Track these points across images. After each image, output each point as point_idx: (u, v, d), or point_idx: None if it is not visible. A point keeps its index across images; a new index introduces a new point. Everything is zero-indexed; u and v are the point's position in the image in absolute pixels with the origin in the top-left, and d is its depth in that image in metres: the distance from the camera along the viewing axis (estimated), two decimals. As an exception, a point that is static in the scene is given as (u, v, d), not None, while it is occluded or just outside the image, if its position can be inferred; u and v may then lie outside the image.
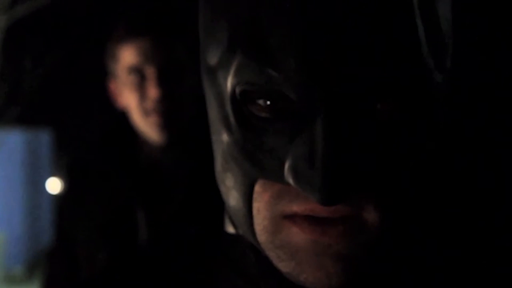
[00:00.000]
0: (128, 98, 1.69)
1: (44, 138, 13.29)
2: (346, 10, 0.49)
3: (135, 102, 1.67)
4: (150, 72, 1.64)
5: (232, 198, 0.58)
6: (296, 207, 0.53)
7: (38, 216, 12.50)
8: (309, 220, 0.52)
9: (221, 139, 0.57)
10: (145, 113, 1.66)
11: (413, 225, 0.54)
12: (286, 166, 0.52)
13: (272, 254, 0.55)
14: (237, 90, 0.54)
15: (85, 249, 1.77)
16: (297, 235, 0.53)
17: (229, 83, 0.54)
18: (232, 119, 0.55)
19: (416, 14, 0.50)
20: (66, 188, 1.88)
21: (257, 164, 0.54)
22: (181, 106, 1.68)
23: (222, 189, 0.59)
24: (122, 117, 1.77)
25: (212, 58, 0.56)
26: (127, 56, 1.67)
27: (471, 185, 0.55)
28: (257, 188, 0.55)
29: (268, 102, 0.53)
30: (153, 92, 1.63)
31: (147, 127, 1.68)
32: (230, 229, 0.64)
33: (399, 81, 0.50)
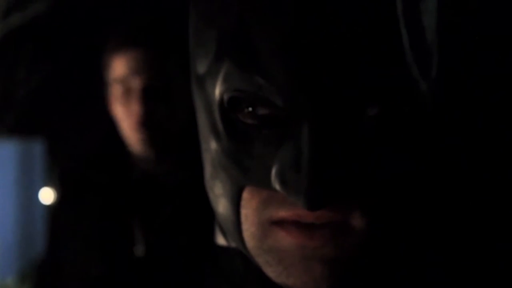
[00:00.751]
0: (117, 111, 1.69)
1: (37, 148, 13.23)
2: (332, 18, 0.50)
3: (122, 115, 1.66)
4: (136, 86, 1.63)
5: (221, 205, 0.58)
6: (283, 213, 0.54)
7: (30, 226, 12.43)
8: (296, 225, 0.53)
9: (210, 147, 0.58)
10: (132, 127, 1.65)
11: (401, 229, 0.54)
12: (273, 172, 0.53)
13: (261, 260, 0.56)
14: (225, 97, 0.55)
15: (77, 261, 1.76)
16: (285, 239, 0.54)
17: (217, 90, 0.55)
18: (220, 126, 0.56)
19: (401, 23, 0.51)
20: (59, 198, 1.87)
21: (244, 171, 0.55)
22: (168, 120, 1.66)
23: (211, 196, 0.60)
24: (116, 127, 1.76)
25: (201, 66, 0.57)
26: (116, 67, 1.66)
27: (461, 190, 0.55)
28: (245, 194, 0.56)
29: (255, 109, 0.54)
30: (136, 107, 1.62)
31: (133, 142, 1.67)
32: (220, 238, 0.65)
33: (384, 88, 0.51)
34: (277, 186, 0.52)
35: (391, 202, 0.53)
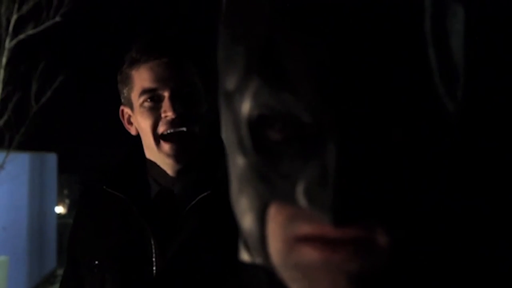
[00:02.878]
0: (141, 123, 1.67)
1: (50, 161, 13.28)
2: (362, 36, 0.50)
3: (149, 126, 1.65)
4: (165, 94, 1.63)
5: (246, 220, 0.59)
6: (308, 229, 0.53)
7: (42, 240, 12.45)
8: (321, 240, 0.53)
9: (236, 162, 0.58)
10: (159, 136, 1.65)
11: (425, 248, 0.54)
12: (299, 188, 0.52)
13: (286, 276, 0.56)
14: (254, 114, 0.55)
15: (94, 279, 1.75)
16: (310, 255, 0.53)
17: (246, 106, 0.55)
18: (247, 142, 0.56)
19: (429, 43, 0.51)
20: (76, 213, 1.87)
21: (270, 187, 0.55)
22: (194, 131, 1.66)
23: (237, 212, 0.60)
24: (133, 142, 1.76)
25: (230, 83, 0.58)
26: (141, 79, 1.66)
27: (487, 211, 0.55)
28: (271, 210, 0.56)
29: (283, 126, 0.54)
30: (169, 113, 1.62)
31: (160, 151, 1.67)
32: (245, 255, 0.65)
33: (411, 108, 0.51)
34: (303, 202, 0.52)
35: (416, 221, 0.53)
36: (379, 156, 0.51)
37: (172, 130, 1.64)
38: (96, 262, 1.73)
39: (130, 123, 1.76)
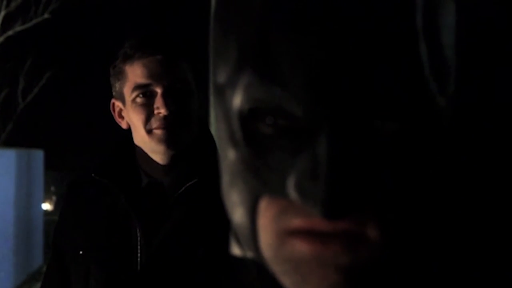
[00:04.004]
0: (133, 118, 1.70)
1: (37, 157, 13.23)
2: (353, 30, 0.50)
3: (141, 120, 1.68)
4: (158, 91, 1.66)
5: (237, 214, 0.59)
6: (299, 223, 0.54)
7: (29, 237, 12.40)
8: (312, 234, 0.53)
9: (228, 155, 0.59)
10: (151, 132, 1.67)
11: (416, 241, 0.55)
12: (290, 182, 0.53)
13: (277, 269, 0.56)
14: (245, 107, 0.55)
15: (80, 271, 1.76)
16: (300, 248, 0.54)
17: (237, 100, 0.56)
18: (238, 135, 0.56)
19: (420, 38, 0.51)
20: (63, 207, 1.88)
21: (262, 180, 0.55)
22: (185, 125, 1.69)
23: (228, 205, 0.61)
24: (123, 136, 1.78)
25: (221, 76, 0.58)
26: (135, 74, 1.68)
27: (479, 204, 0.56)
28: (262, 204, 0.56)
29: (274, 120, 0.54)
30: (161, 110, 1.65)
31: (152, 144, 1.69)
32: (236, 248, 0.65)
33: (401, 102, 0.52)
34: (293, 195, 0.52)
35: (407, 215, 0.53)
36: (370, 150, 0.52)
37: (164, 127, 1.66)
38: (81, 253, 1.75)
39: (121, 116, 1.78)
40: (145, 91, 1.68)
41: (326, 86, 0.51)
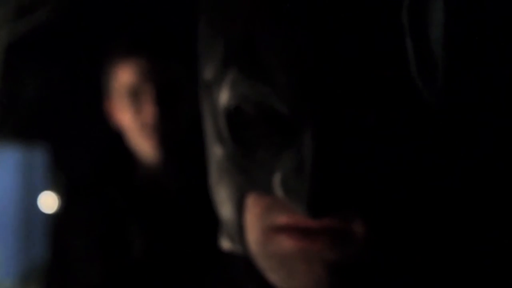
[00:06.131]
0: (124, 117, 1.70)
1: (39, 153, 13.19)
2: (337, 26, 0.51)
3: (131, 121, 1.67)
4: (147, 91, 1.65)
5: (225, 210, 0.59)
6: (285, 219, 0.54)
7: (31, 230, 12.37)
8: (298, 229, 0.54)
9: (215, 152, 0.59)
10: (141, 132, 1.67)
11: (403, 237, 0.55)
12: (276, 179, 0.53)
13: (264, 265, 0.57)
14: (231, 104, 0.55)
15: (79, 266, 1.77)
16: (287, 244, 0.54)
17: (224, 97, 0.56)
18: (225, 132, 0.57)
19: (406, 34, 0.51)
20: (63, 204, 1.88)
21: (248, 177, 0.56)
22: (176, 125, 1.68)
23: (215, 201, 0.61)
24: (119, 135, 1.77)
25: (208, 73, 0.58)
26: (124, 75, 1.68)
27: (466, 198, 0.56)
28: (248, 200, 0.56)
29: (260, 117, 0.55)
30: (150, 111, 1.64)
31: (142, 146, 1.68)
32: (225, 243, 0.66)
33: (387, 99, 0.52)
34: (279, 193, 0.53)
35: (393, 210, 0.54)
36: (355, 147, 0.52)
37: (153, 127, 1.66)
38: (81, 248, 1.75)
39: (113, 115, 1.77)
40: (135, 90, 1.67)
41: (311, 84, 0.51)
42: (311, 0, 0.51)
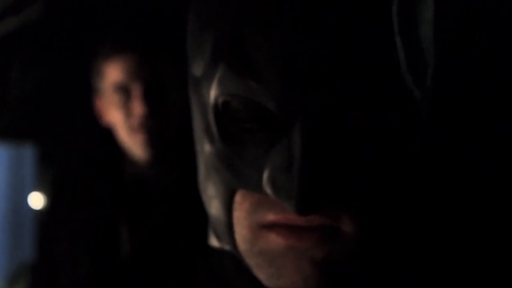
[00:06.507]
0: (113, 115, 1.69)
1: (27, 152, 13.13)
2: (326, 24, 0.50)
3: (120, 119, 1.67)
4: (136, 89, 1.64)
5: (213, 207, 0.59)
6: (273, 217, 0.54)
7: (19, 228, 12.31)
8: (286, 227, 0.54)
9: (204, 149, 0.59)
10: (131, 130, 1.66)
11: (391, 234, 0.55)
12: (264, 176, 0.53)
13: (252, 262, 0.57)
14: (219, 100, 0.55)
15: (67, 264, 1.76)
16: (275, 241, 0.54)
17: (212, 93, 0.56)
18: (214, 129, 0.56)
19: (396, 33, 0.51)
20: (51, 202, 1.88)
21: (237, 174, 0.55)
22: (166, 122, 1.68)
23: (204, 198, 0.61)
24: (108, 133, 1.77)
25: (197, 69, 0.58)
26: (112, 73, 1.67)
27: (454, 196, 0.56)
28: (237, 197, 0.56)
29: (249, 114, 0.54)
30: (138, 109, 1.63)
31: (132, 144, 1.68)
32: (214, 240, 0.65)
33: (376, 96, 0.52)
34: (268, 190, 0.53)
35: (381, 208, 0.54)
36: (343, 145, 0.52)
37: (142, 126, 1.65)
38: (68, 246, 1.74)
39: (102, 113, 1.76)
40: (124, 89, 1.67)
41: (299, 80, 0.51)
42: None
